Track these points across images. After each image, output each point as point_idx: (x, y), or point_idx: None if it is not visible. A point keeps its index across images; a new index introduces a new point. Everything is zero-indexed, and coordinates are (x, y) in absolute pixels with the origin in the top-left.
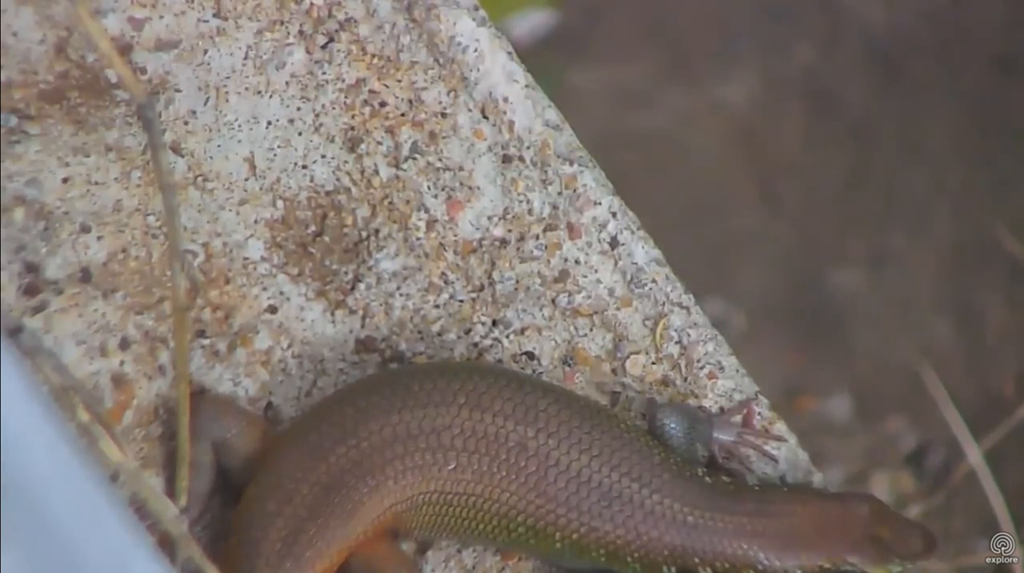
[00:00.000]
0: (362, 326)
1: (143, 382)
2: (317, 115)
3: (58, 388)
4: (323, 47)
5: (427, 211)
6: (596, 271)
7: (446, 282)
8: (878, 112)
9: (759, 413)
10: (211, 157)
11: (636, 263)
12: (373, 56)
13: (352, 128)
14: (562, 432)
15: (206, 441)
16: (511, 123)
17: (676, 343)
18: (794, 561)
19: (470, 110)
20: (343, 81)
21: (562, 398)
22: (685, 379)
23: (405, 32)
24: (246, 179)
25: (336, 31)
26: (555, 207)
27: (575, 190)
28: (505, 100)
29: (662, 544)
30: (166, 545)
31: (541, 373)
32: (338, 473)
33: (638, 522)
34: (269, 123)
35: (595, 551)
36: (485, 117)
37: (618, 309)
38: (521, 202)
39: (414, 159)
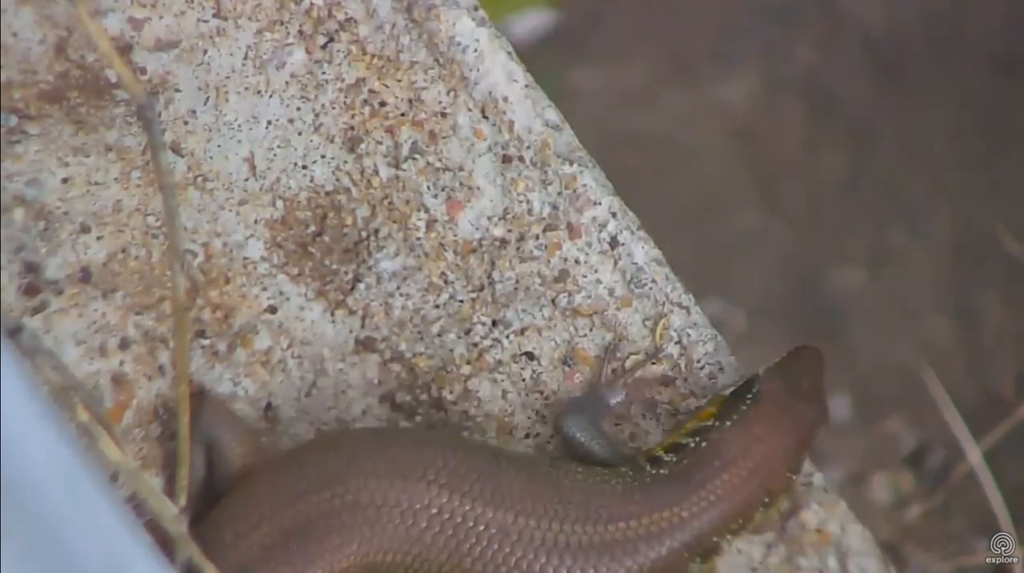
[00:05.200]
0: (362, 326)
1: (143, 382)
2: (317, 115)
3: (58, 388)
4: (323, 47)
5: (427, 211)
6: (596, 271)
7: (446, 282)
8: (878, 112)
9: None
10: (211, 157)
11: (636, 263)
12: (373, 56)
13: (352, 128)
14: (535, 509)
15: (199, 444)
16: (511, 123)
17: (676, 343)
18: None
19: (470, 110)
20: (343, 81)
21: (524, 471)
22: (685, 379)
23: (405, 32)
24: (246, 179)
25: (336, 31)
26: (555, 207)
27: (575, 190)
28: (505, 100)
29: (645, 561)
30: (165, 544)
31: (541, 373)
32: (303, 522)
33: (619, 557)
34: (269, 123)
35: None
36: (485, 117)
37: (618, 309)
38: (521, 202)
39: (414, 159)
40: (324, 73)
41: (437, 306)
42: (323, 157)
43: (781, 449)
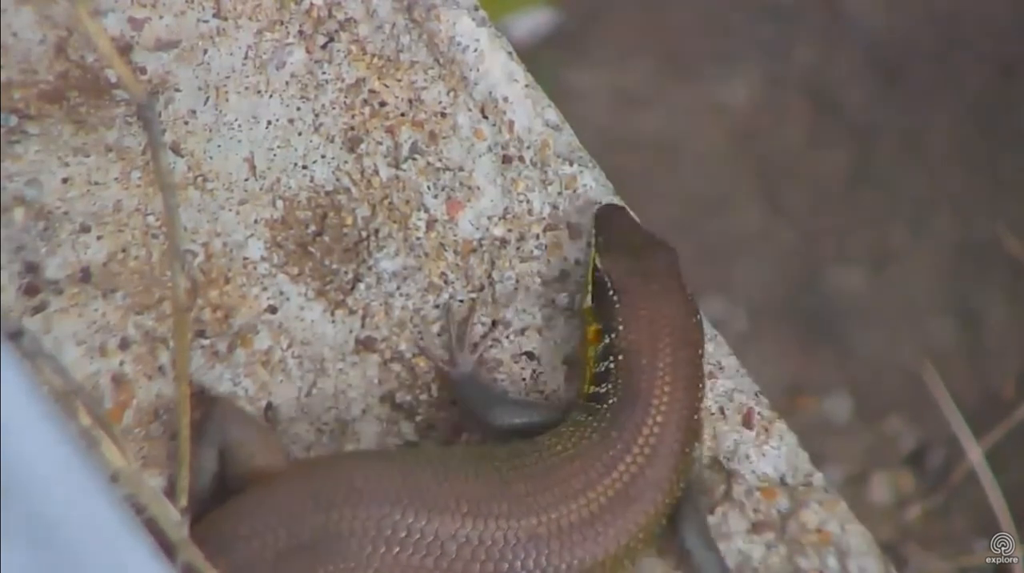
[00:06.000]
0: (362, 326)
1: (143, 382)
2: (317, 115)
3: (59, 391)
4: (323, 47)
5: (427, 211)
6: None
7: (446, 282)
8: (879, 112)
9: (759, 413)
10: (211, 157)
11: None
12: (373, 56)
13: (352, 128)
14: (547, 501)
15: (213, 448)
16: (511, 123)
17: None
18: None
19: (470, 110)
20: (343, 81)
21: (521, 468)
22: None
23: (405, 32)
24: (246, 179)
25: (336, 31)
26: (555, 207)
27: (575, 190)
28: (505, 100)
29: (666, 477)
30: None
31: (541, 373)
32: (322, 536)
33: (643, 490)
34: (269, 123)
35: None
36: (485, 117)
37: None
38: (521, 202)
39: (414, 159)
40: (324, 73)
41: (437, 306)
42: (323, 157)
43: (672, 308)
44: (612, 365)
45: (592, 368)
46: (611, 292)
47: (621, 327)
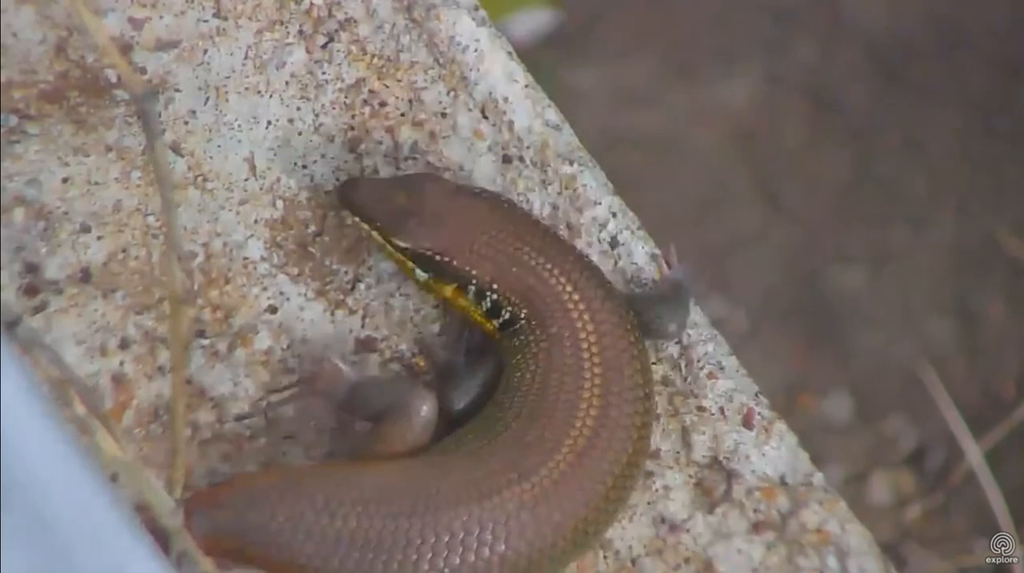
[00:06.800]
0: (362, 326)
1: (143, 382)
2: (317, 115)
3: (56, 382)
4: (323, 47)
5: None
6: None
7: None
8: (880, 112)
9: (759, 413)
10: (211, 157)
11: (636, 263)
12: (373, 56)
13: (352, 128)
14: (560, 449)
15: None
16: (511, 123)
17: (676, 343)
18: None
19: (470, 110)
20: (343, 81)
21: (513, 434)
22: (685, 379)
23: (405, 32)
24: (246, 179)
25: (336, 31)
26: (555, 207)
27: (575, 190)
28: (505, 100)
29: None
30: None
31: None
32: (363, 533)
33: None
34: (269, 123)
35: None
36: (485, 117)
37: None
38: (521, 202)
39: (414, 159)
40: (324, 73)
41: (437, 306)
42: (323, 157)
43: (486, 220)
44: (495, 295)
45: (478, 310)
46: (437, 259)
47: (474, 274)
